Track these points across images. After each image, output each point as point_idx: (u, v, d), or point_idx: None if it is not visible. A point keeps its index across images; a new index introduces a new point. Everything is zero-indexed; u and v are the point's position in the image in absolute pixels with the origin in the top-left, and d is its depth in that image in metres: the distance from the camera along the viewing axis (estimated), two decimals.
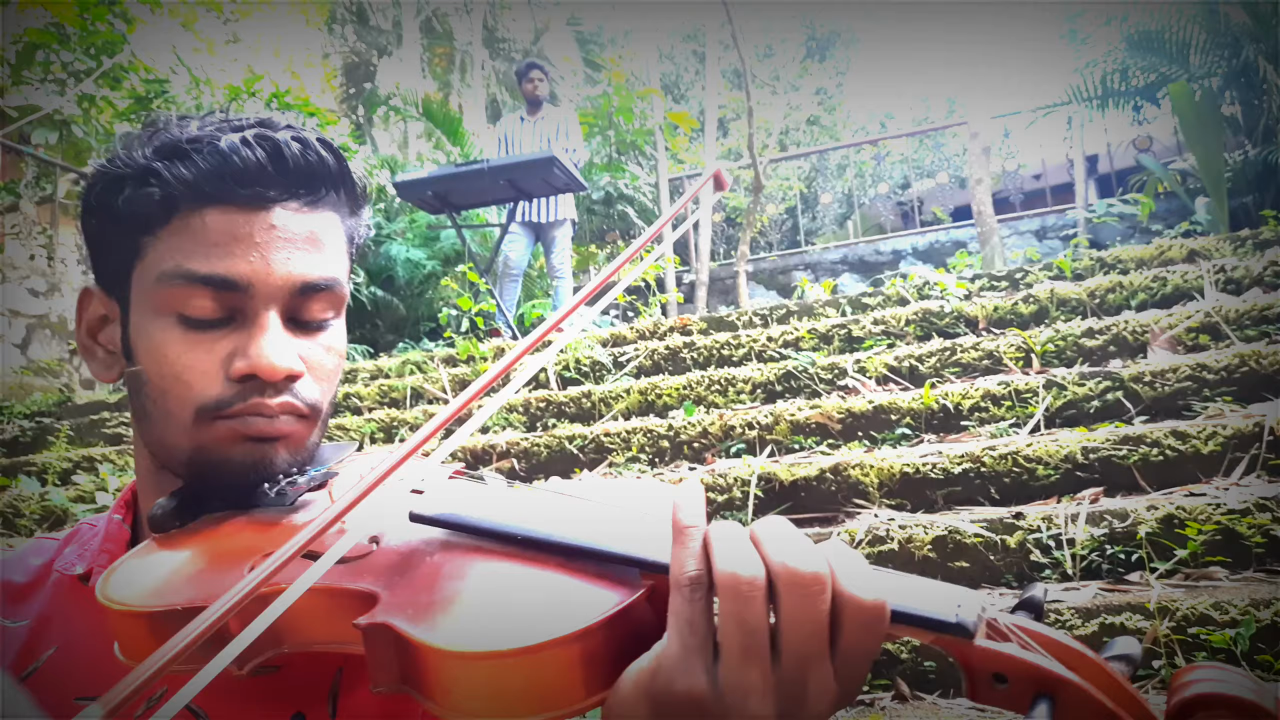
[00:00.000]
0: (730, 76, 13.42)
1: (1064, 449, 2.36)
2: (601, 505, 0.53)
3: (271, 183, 0.60)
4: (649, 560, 0.45)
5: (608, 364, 3.99)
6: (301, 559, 0.43)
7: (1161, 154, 7.70)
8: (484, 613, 0.45)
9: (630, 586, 0.45)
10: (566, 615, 0.43)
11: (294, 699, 0.60)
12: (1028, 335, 3.22)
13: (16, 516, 3.24)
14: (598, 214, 8.63)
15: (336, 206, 0.65)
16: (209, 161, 0.59)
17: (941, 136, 12.73)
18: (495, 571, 0.48)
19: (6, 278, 5.79)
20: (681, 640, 0.41)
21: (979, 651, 0.40)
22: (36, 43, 7.39)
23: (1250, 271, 3.49)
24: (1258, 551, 1.92)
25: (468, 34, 12.85)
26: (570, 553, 0.47)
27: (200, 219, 0.59)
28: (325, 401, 0.64)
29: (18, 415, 4.81)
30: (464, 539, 0.51)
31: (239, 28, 11.83)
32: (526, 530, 0.49)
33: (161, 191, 0.59)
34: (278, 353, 0.59)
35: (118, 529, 0.69)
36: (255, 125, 0.62)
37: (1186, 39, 6.73)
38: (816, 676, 0.40)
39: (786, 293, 8.52)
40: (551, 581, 0.46)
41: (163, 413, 0.61)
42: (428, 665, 0.43)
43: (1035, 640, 0.40)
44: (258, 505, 0.60)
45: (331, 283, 0.63)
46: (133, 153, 0.61)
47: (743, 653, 0.40)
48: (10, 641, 0.65)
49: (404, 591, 0.47)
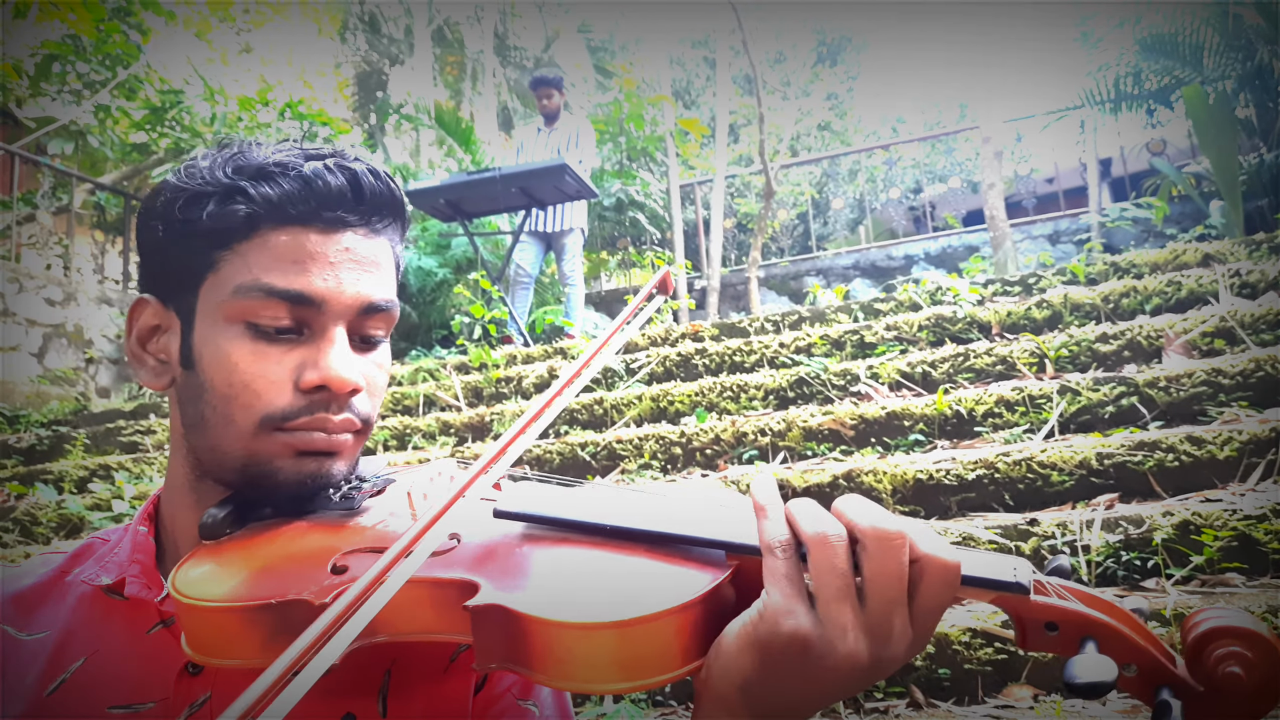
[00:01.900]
0: (741, 82, 13.43)
1: (1079, 455, 2.35)
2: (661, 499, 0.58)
3: (350, 208, 0.65)
4: (735, 542, 0.51)
5: (620, 370, 3.99)
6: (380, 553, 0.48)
7: (1175, 157, 7.66)
8: (589, 591, 0.49)
9: (720, 567, 0.51)
10: (669, 591, 0.48)
11: (344, 699, 0.62)
12: (1041, 340, 3.20)
13: (34, 524, 3.27)
14: (609, 220, 8.65)
15: (392, 234, 0.70)
16: (294, 185, 0.63)
17: (953, 141, 12.70)
18: (588, 557, 0.53)
19: (23, 287, 5.85)
20: (781, 592, 0.47)
21: (1034, 605, 0.48)
22: (53, 54, 7.49)
23: (1265, 275, 3.46)
24: (1275, 558, 1.90)
25: (479, 42, 12.93)
26: (656, 539, 0.53)
27: (279, 237, 0.63)
28: (375, 416, 0.68)
29: (34, 424, 4.86)
30: (545, 531, 0.56)
31: (252, 38, 11.94)
32: (616, 522, 0.54)
33: (247, 208, 0.63)
34: (347, 367, 0.63)
35: (144, 540, 0.70)
36: (332, 155, 0.67)
37: (1200, 41, 6.69)
38: (899, 621, 0.47)
39: (798, 298, 8.51)
40: (644, 565, 0.51)
41: (224, 419, 0.63)
42: (540, 639, 0.47)
43: (1074, 595, 0.48)
44: (316, 510, 0.64)
45: (391, 304, 0.68)
46: (214, 171, 0.64)
47: (836, 594, 0.47)
48: (34, 655, 0.66)
49: (502, 577, 0.51)
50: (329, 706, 0.61)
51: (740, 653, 0.47)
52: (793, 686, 0.47)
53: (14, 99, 7.50)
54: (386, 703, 0.63)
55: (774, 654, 0.47)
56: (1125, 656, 0.47)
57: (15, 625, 0.68)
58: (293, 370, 0.62)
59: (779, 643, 0.46)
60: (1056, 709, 1.63)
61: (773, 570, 0.48)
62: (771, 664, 0.47)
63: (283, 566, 0.57)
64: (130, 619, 0.66)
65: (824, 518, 0.48)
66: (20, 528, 3.26)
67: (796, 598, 0.47)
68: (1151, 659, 0.47)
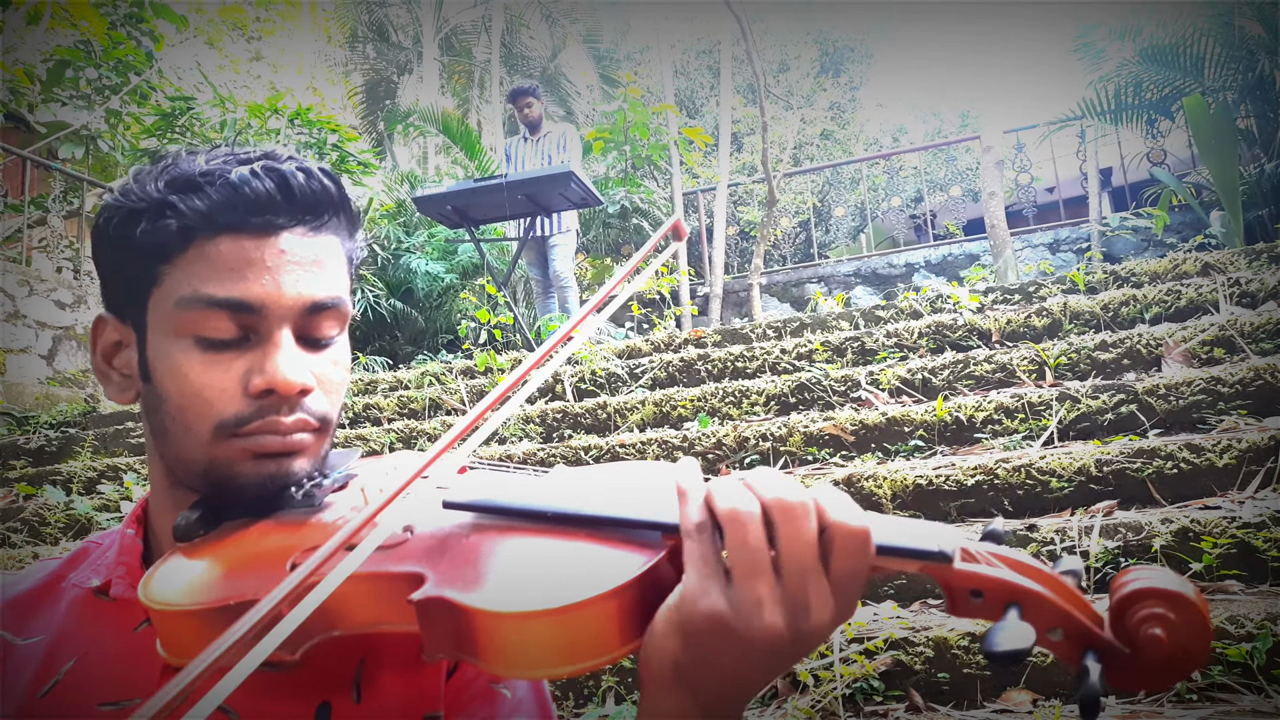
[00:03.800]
0: (745, 92, 13.49)
1: (1077, 461, 2.37)
2: (607, 483, 0.59)
3: (280, 210, 0.65)
4: (667, 523, 0.51)
5: (623, 376, 4.02)
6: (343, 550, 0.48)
7: (1176, 167, 7.67)
8: (528, 579, 0.50)
9: (655, 548, 0.51)
10: (604, 575, 0.49)
11: (319, 690, 0.63)
12: (1041, 348, 3.23)
13: (42, 525, 3.30)
14: (613, 227, 8.69)
15: (337, 230, 0.69)
16: (221, 193, 0.63)
17: (954, 150, 12.72)
18: (531, 544, 0.54)
19: (34, 290, 5.90)
20: (698, 573, 0.48)
21: (958, 573, 0.48)
22: (65, 60, 7.55)
23: (1265, 285, 3.48)
24: (1274, 565, 1.92)
25: (486, 51, 13.00)
26: (597, 524, 0.53)
27: (215, 247, 0.63)
28: (334, 413, 0.69)
29: (44, 425, 4.89)
30: (494, 520, 0.56)
31: (262, 46, 12.03)
32: (556, 507, 0.55)
33: (178, 223, 0.63)
34: (293, 369, 0.63)
35: (131, 542, 0.71)
36: (261, 158, 0.66)
37: (1201, 52, 6.72)
38: (816, 591, 0.47)
39: (800, 305, 8.53)
40: (584, 549, 0.52)
41: (181, 429, 0.64)
42: (483, 629, 0.48)
43: (1001, 561, 0.48)
44: (281, 509, 0.64)
45: (337, 301, 0.67)
46: (145, 186, 0.65)
47: (749, 569, 0.47)
48: (29, 659, 0.67)
49: (449, 568, 0.52)
50: (304, 700, 0.63)
51: (667, 635, 0.48)
52: (720, 665, 0.48)
53: (26, 104, 7.57)
54: (360, 690, 0.64)
55: (695, 634, 0.47)
56: (1050, 621, 0.46)
57: (10, 630, 0.69)
58: (241, 377, 0.63)
59: (697, 623, 0.47)
60: (1056, 714, 1.64)
61: (690, 552, 0.48)
62: (695, 644, 0.48)
63: (244, 567, 0.58)
64: (118, 619, 0.67)
65: (736, 495, 0.48)
66: (29, 528, 3.29)
67: (711, 578, 0.47)
68: (1077, 623, 0.46)
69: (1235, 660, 1.65)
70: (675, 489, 0.51)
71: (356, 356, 6.29)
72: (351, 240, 0.72)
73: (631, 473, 0.62)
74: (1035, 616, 0.46)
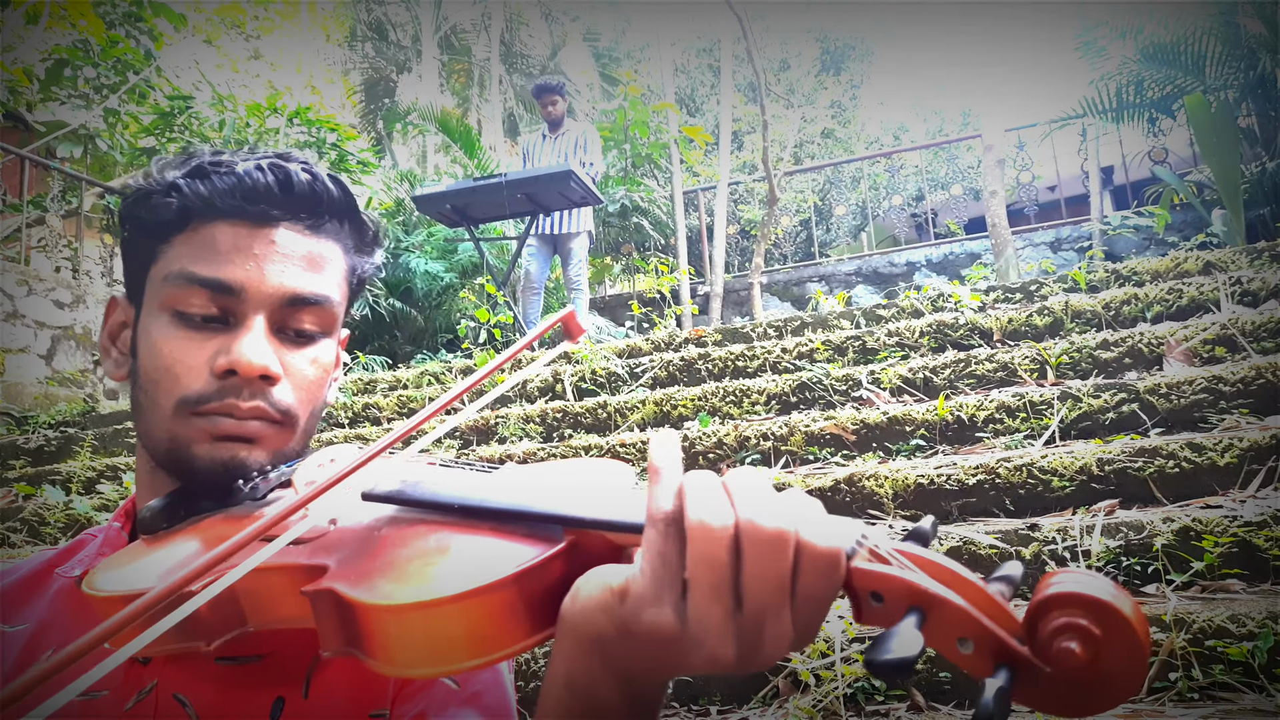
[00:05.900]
0: (745, 90, 13.48)
1: (1079, 460, 2.36)
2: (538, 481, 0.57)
3: (277, 203, 0.67)
4: (569, 516, 0.49)
5: (623, 375, 4.02)
6: (262, 542, 0.47)
7: (1177, 166, 7.66)
8: (418, 572, 0.49)
9: (549, 542, 0.48)
10: (487, 569, 0.46)
11: (275, 684, 0.64)
12: (1042, 347, 3.22)
13: (41, 525, 3.29)
14: (613, 226, 8.69)
15: (339, 237, 0.71)
16: (224, 181, 0.66)
17: (955, 149, 12.71)
18: (434, 537, 0.52)
19: (33, 290, 5.89)
20: (654, 571, 0.43)
21: (855, 572, 0.42)
22: (63, 59, 7.55)
23: (1267, 283, 3.47)
24: (1275, 564, 1.92)
25: (485, 49, 12.99)
26: (499, 516, 0.52)
27: (210, 230, 0.66)
28: (303, 410, 0.69)
29: (43, 425, 4.89)
30: (411, 513, 0.56)
31: (261, 44, 12.02)
32: (460, 499, 0.54)
33: (178, 203, 0.66)
34: (255, 351, 0.64)
35: (116, 535, 0.72)
36: (273, 156, 0.69)
37: (1202, 51, 6.71)
38: (774, 624, 0.42)
39: (801, 304, 8.53)
40: (481, 543, 0.50)
41: (151, 403, 0.66)
42: (366, 623, 0.47)
43: (914, 562, 0.42)
44: (236, 503, 0.65)
45: (321, 299, 0.68)
46: (162, 172, 0.69)
47: (709, 591, 0.41)
48: (12, 646, 0.68)
49: (352, 562, 0.51)
50: (259, 694, 0.64)
51: (600, 611, 0.44)
52: (652, 660, 0.44)
53: (24, 103, 7.57)
54: (309, 686, 0.65)
55: (633, 635, 0.43)
56: (959, 631, 0.40)
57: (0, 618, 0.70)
58: (209, 355, 0.65)
59: (639, 629, 0.43)
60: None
61: (650, 542, 0.43)
62: (630, 638, 0.44)
63: (185, 559, 0.58)
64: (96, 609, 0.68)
65: (712, 501, 0.42)
66: (28, 528, 3.29)
67: (666, 585, 0.42)
68: (989, 634, 0.40)
69: (1236, 659, 1.65)
70: (648, 463, 0.46)
71: (356, 356, 6.28)
72: (359, 255, 0.73)
73: (576, 471, 0.61)
74: (941, 625, 0.40)
